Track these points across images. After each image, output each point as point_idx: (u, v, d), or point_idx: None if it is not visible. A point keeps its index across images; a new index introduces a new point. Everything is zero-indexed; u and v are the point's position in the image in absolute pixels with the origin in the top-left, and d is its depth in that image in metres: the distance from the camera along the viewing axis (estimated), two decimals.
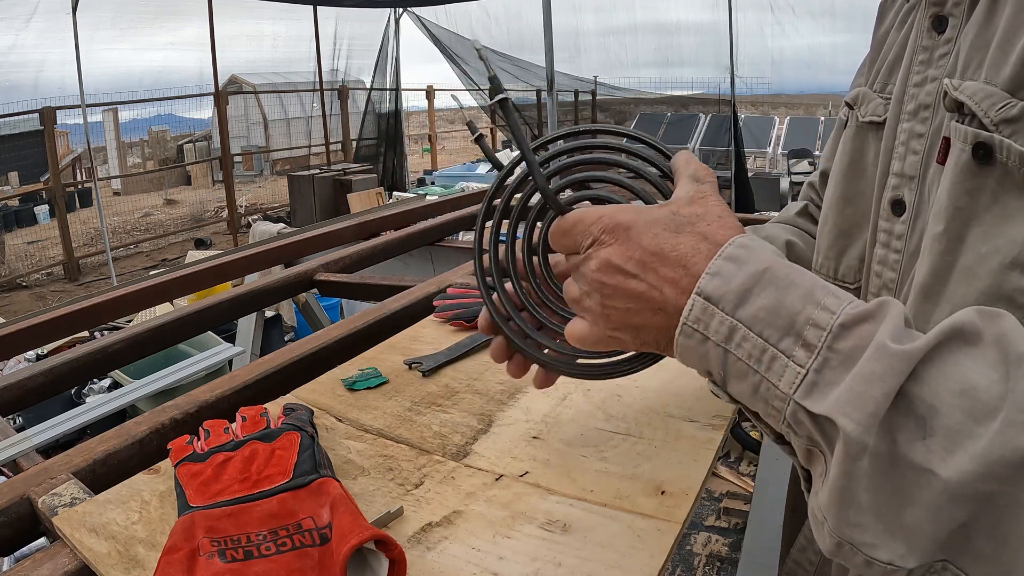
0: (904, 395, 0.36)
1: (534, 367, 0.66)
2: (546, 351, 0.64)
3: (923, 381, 0.36)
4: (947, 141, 0.46)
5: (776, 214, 0.93)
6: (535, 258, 0.61)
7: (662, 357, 0.59)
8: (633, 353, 0.60)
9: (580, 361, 0.63)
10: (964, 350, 0.37)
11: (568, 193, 0.56)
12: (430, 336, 1.12)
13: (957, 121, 0.45)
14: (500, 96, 0.54)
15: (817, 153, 8.24)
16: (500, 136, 13.18)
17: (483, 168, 10.42)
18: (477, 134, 0.64)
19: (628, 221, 0.48)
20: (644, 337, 0.48)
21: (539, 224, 0.60)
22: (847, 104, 0.65)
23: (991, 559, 0.35)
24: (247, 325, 2.31)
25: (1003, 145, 0.42)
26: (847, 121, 0.65)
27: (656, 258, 0.46)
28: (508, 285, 0.63)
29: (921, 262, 0.48)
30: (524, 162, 0.56)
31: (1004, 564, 0.35)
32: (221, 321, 1.57)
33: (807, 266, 0.75)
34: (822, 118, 9.59)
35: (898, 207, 0.54)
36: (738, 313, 0.42)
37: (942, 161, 0.47)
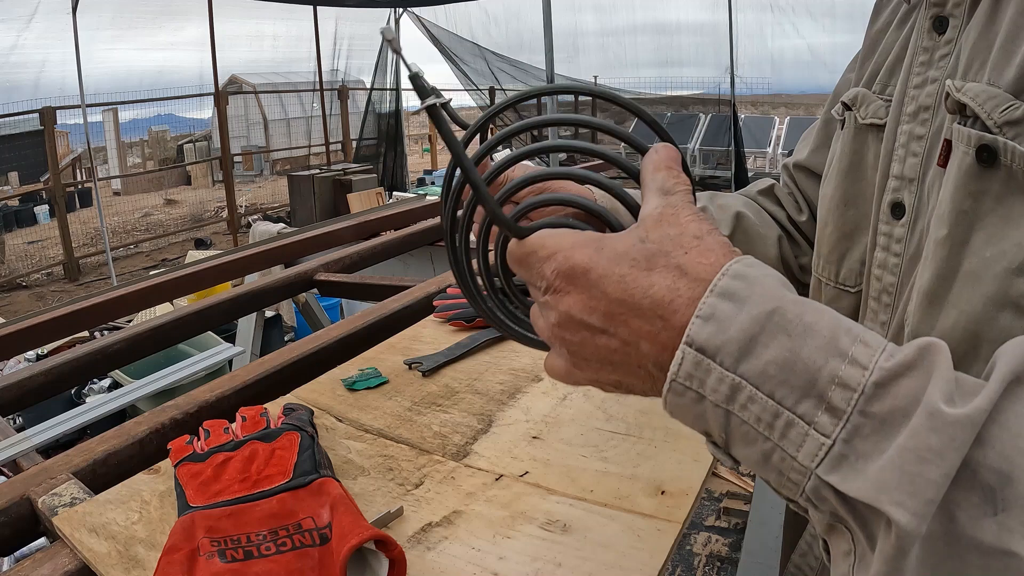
0: (965, 464, 0.30)
1: None
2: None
3: (987, 444, 0.30)
4: (948, 143, 0.46)
5: None
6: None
7: None
8: None
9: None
10: None
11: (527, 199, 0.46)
12: (430, 336, 1.12)
13: (959, 123, 0.44)
14: (428, 102, 0.42)
15: None
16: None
17: None
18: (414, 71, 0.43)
19: (586, 263, 0.39)
20: (627, 389, 0.42)
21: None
22: (844, 104, 0.64)
23: None
24: (247, 325, 2.31)
25: (1007, 147, 0.41)
26: (844, 121, 0.64)
27: (625, 308, 0.38)
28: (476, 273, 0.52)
29: (924, 267, 0.48)
30: (463, 175, 0.44)
31: None
32: (221, 321, 1.57)
33: (755, 242, 0.74)
34: None
35: (897, 210, 0.54)
36: (741, 368, 0.34)
37: (943, 163, 0.46)
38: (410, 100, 11.74)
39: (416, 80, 0.42)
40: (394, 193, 9.20)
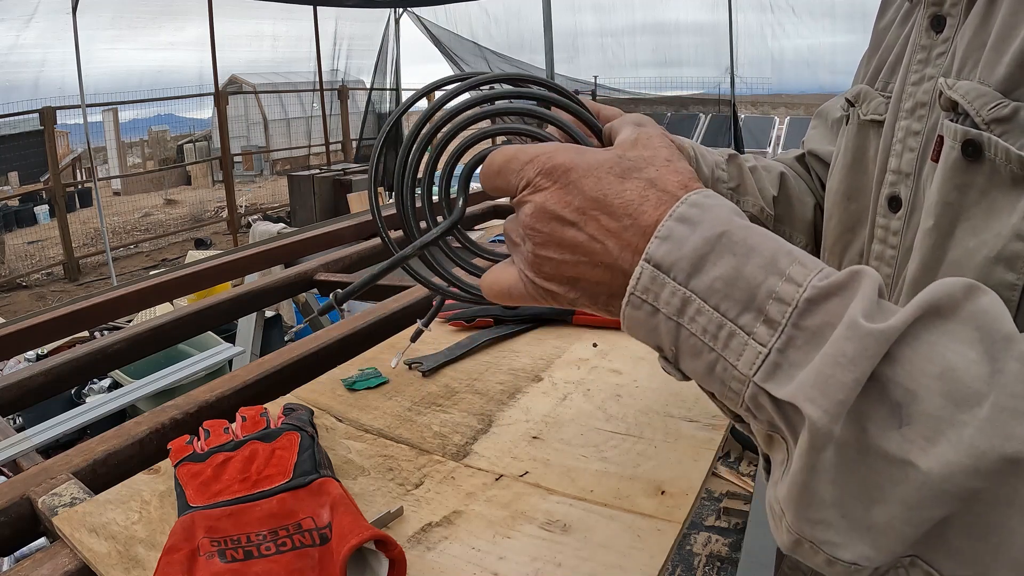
0: (876, 379, 0.33)
1: None
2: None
3: (898, 363, 0.33)
4: (941, 139, 0.47)
5: None
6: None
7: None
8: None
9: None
10: (940, 326, 0.33)
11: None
12: (430, 336, 1.12)
13: (951, 120, 0.46)
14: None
15: None
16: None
17: None
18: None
19: (568, 162, 0.42)
20: (579, 291, 0.43)
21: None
22: (848, 101, 0.65)
23: (968, 556, 0.32)
24: (247, 325, 2.31)
25: (991, 142, 0.43)
26: (848, 118, 0.65)
27: (598, 206, 0.41)
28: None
29: (913, 257, 0.49)
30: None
31: (981, 563, 0.32)
32: (221, 321, 1.57)
33: (795, 206, 0.76)
34: None
35: (895, 203, 0.55)
36: (692, 283, 0.37)
37: (936, 159, 0.48)
38: None
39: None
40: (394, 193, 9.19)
